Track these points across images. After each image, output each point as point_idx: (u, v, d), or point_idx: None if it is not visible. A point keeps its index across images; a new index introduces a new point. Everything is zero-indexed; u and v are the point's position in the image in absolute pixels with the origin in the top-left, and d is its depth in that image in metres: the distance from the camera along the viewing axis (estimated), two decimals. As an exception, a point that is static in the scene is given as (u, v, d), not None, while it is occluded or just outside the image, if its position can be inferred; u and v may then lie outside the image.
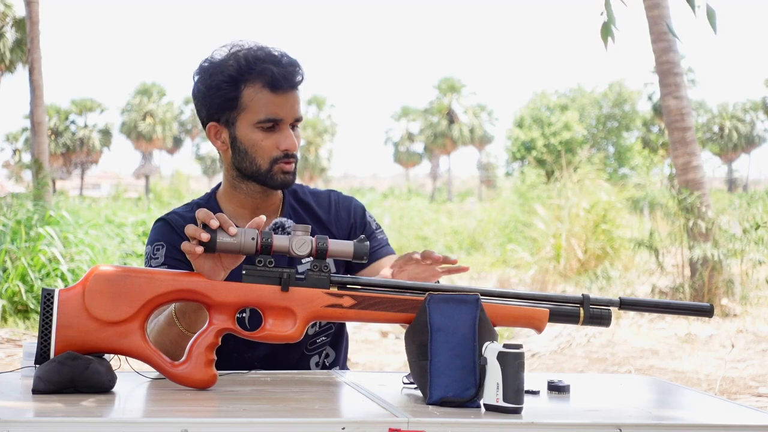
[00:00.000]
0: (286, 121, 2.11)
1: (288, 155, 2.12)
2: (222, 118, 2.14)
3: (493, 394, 1.59)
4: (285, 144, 2.11)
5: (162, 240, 2.17)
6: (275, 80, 2.07)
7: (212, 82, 2.11)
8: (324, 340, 2.25)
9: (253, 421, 1.48)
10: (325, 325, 2.24)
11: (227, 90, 2.10)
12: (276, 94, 2.09)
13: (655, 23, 9.80)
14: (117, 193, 24.13)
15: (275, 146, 2.11)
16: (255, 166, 2.13)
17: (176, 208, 2.25)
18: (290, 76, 2.09)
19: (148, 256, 2.18)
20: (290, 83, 2.09)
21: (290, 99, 2.10)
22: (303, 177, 56.34)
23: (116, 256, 10.49)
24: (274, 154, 2.12)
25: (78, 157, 56.84)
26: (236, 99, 2.10)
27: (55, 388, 1.65)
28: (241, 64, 2.09)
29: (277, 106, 2.09)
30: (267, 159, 2.12)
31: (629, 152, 42.90)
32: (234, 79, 2.09)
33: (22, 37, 25.98)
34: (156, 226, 2.22)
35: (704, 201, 9.66)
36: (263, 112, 2.09)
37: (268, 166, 2.12)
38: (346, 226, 2.28)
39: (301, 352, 2.23)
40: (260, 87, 2.09)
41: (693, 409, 1.86)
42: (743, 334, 8.22)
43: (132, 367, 1.81)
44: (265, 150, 2.11)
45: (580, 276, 11.78)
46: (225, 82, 2.10)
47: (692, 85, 45.05)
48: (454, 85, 59.53)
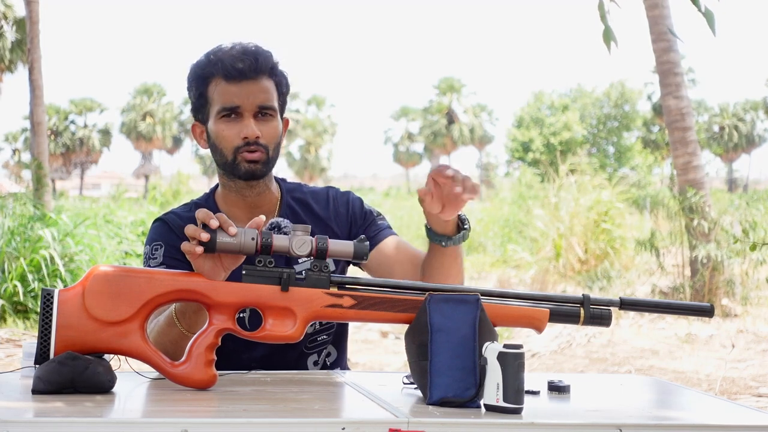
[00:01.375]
0: (246, 108, 2.13)
1: (250, 143, 2.13)
2: (199, 116, 2.21)
3: (493, 395, 1.59)
4: (244, 132, 2.13)
5: (160, 240, 2.19)
6: (227, 70, 2.12)
7: (189, 84, 2.20)
8: (325, 339, 2.25)
9: (253, 421, 1.48)
10: (325, 323, 2.24)
11: (197, 88, 2.18)
12: (231, 83, 2.13)
13: (655, 23, 9.80)
14: (118, 193, 24.09)
15: (236, 135, 2.14)
16: (222, 157, 2.16)
17: (174, 208, 2.26)
18: (243, 64, 2.12)
19: (147, 257, 2.19)
20: (241, 72, 2.12)
21: (249, 87, 2.13)
22: (303, 177, 56.35)
23: (116, 256, 10.49)
24: (235, 143, 2.14)
25: (78, 157, 56.87)
26: (204, 95, 2.16)
27: (55, 388, 1.65)
28: (204, 62, 2.16)
29: (233, 95, 2.13)
30: (230, 149, 2.15)
31: (629, 152, 42.92)
32: (199, 77, 2.16)
33: (22, 37, 25.96)
34: (154, 226, 2.23)
35: (705, 201, 9.67)
36: (221, 102, 2.14)
37: (232, 156, 2.15)
38: (345, 220, 2.28)
39: (300, 351, 2.22)
40: (219, 80, 2.14)
41: (693, 409, 1.86)
42: (743, 334, 8.22)
43: (132, 367, 1.81)
44: (227, 140, 2.14)
45: (580, 276, 11.78)
46: (194, 81, 2.18)
47: (692, 85, 45.07)
48: (454, 85, 59.54)
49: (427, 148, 60.54)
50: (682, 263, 9.93)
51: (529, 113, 43.39)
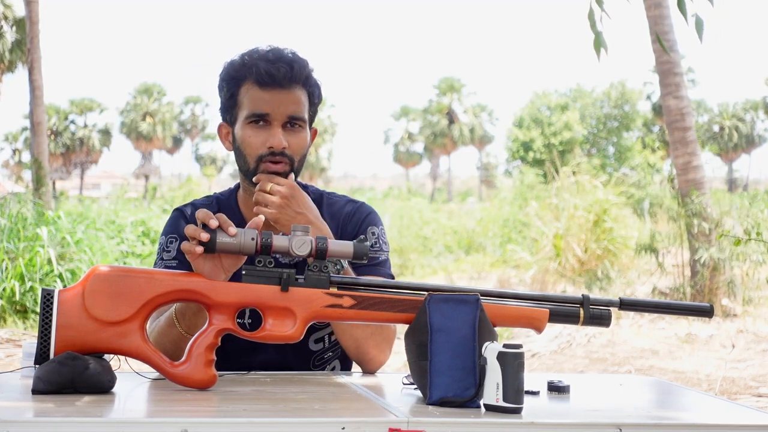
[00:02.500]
0: (275, 117, 2.09)
1: (275, 153, 2.08)
2: (227, 117, 2.16)
3: (493, 394, 1.59)
4: (271, 141, 2.08)
5: (176, 233, 2.16)
6: (260, 76, 2.07)
7: (220, 83, 2.15)
8: (331, 356, 2.22)
9: (253, 421, 1.48)
10: (333, 342, 2.20)
11: (228, 89, 2.12)
12: (263, 90, 2.08)
13: (655, 23, 9.80)
14: (120, 192, 24.04)
15: (263, 143, 2.09)
16: (245, 163, 2.12)
17: (195, 200, 2.24)
18: (277, 71, 2.07)
19: (162, 248, 2.16)
20: (276, 80, 2.07)
21: (280, 96, 2.08)
22: (303, 177, 56.11)
23: (115, 256, 10.48)
24: (260, 152, 2.09)
25: (78, 157, 56.83)
26: (235, 97, 2.12)
27: (55, 388, 1.65)
28: (238, 63, 2.11)
29: (264, 102, 2.08)
30: (254, 156, 2.10)
31: (629, 152, 42.89)
32: (232, 78, 2.11)
33: (22, 37, 25.96)
34: (172, 217, 2.20)
35: (705, 202, 9.66)
36: (250, 108, 2.09)
37: (254, 164, 2.10)
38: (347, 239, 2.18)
39: (307, 369, 2.18)
40: (251, 84, 2.09)
41: (693, 409, 1.86)
42: (743, 335, 8.22)
43: (132, 367, 1.81)
44: (253, 147, 2.10)
45: (580, 276, 11.78)
46: (226, 81, 2.13)
47: (692, 85, 45.05)
48: (454, 85, 59.49)
49: (427, 148, 60.51)
50: (682, 263, 9.93)
51: (529, 113, 43.37)
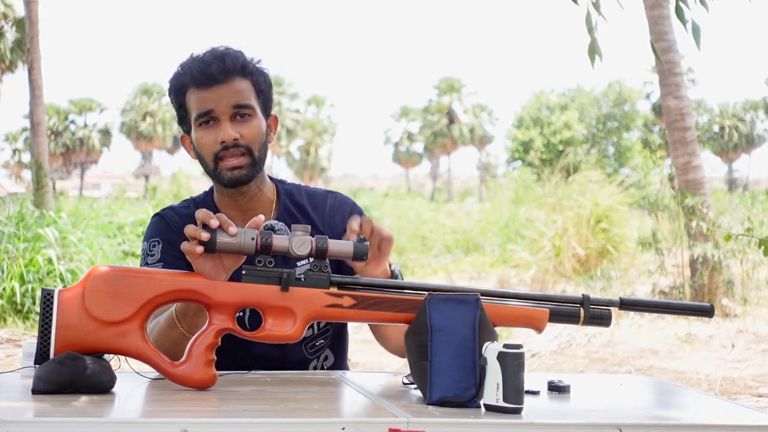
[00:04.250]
0: (221, 112, 2.10)
1: (227, 147, 2.10)
2: (184, 127, 2.19)
3: (493, 394, 1.59)
4: (221, 136, 2.09)
5: (158, 236, 2.18)
6: (196, 78, 2.10)
7: (169, 97, 2.18)
8: (322, 342, 2.22)
9: (253, 421, 1.48)
10: (323, 327, 2.21)
11: (176, 100, 2.16)
12: (203, 90, 2.10)
13: (655, 23, 9.80)
14: (119, 193, 24.05)
15: (215, 141, 2.10)
16: (207, 166, 2.14)
17: (173, 204, 2.26)
18: (210, 69, 2.09)
19: (145, 253, 2.19)
20: (211, 76, 2.09)
21: (220, 91, 2.09)
22: (303, 177, 56.30)
23: (115, 256, 10.48)
24: (214, 149, 2.11)
25: (78, 157, 56.83)
26: (183, 106, 2.15)
27: (55, 388, 1.65)
28: (178, 73, 2.14)
29: (205, 100, 2.10)
30: (210, 155, 2.12)
31: (629, 152, 42.89)
32: (177, 89, 2.15)
33: (21, 37, 25.98)
34: (152, 222, 2.22)
35: (705, 201, 9.66)
36: (196, 110, 2.12)
37: (213, 163, 2.12)
38: (339, 232, 2.20)
39: (302, 356, 2.19)
40: (193, 88, 2.12)
41: (693, 409, 1.85)
42: (743, 334, 8.22)
43: (132, 367, 1.81)
44: (207, 146, 2.12)
45: (580, 276, 11.78)
46: (173, 93, 2.16)
47: (692, 85, 45.05)
48: (454, 84, 59.50)
49: (427, 148, 60.52)
50: (682, 263, 9.93)
51: (529, 113, 43.38)
